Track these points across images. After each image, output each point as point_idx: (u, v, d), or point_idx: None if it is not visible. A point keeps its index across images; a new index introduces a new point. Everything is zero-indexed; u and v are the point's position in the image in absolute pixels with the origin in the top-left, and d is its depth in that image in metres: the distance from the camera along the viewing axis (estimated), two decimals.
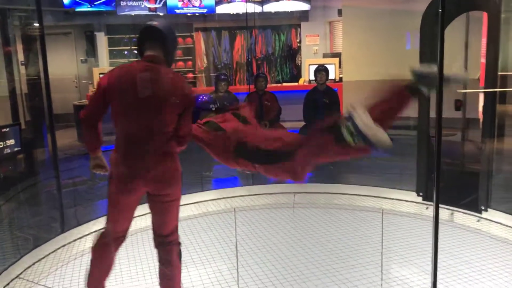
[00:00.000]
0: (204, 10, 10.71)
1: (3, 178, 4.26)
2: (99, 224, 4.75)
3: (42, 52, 4.55)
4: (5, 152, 3.83)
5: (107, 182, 2.86)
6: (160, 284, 3.03)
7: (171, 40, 2.86)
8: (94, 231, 4.66)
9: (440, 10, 2.10)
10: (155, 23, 2.82)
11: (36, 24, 4.46)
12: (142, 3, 10.26)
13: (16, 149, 4.01)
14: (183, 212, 5.05)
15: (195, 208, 5.21)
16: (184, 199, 5.21)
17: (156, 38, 2.79)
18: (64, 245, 4.34)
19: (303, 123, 6.72)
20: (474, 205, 4.55)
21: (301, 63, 10.97)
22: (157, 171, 2.78)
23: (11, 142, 4.00)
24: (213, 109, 3.30)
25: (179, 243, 3.02)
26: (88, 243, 4.42)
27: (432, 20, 4.55)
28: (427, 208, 4.80)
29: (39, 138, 6.73)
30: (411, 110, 5.74)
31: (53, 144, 4.67)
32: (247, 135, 3.01)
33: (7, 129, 3.97)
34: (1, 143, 3.92)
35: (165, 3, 10.44)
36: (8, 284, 3.63)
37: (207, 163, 6.24)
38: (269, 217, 4.99)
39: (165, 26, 2.85)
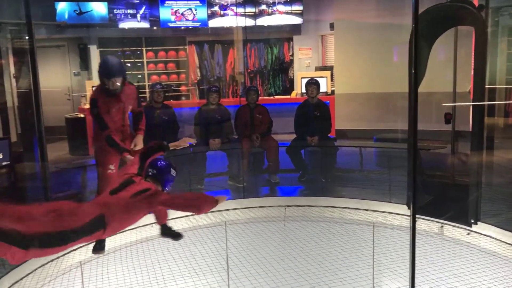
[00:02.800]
0: (197, 24, 10.76)
1: None
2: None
3: (32, 65, 4.55)
4: None
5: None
6: None
7: None
8: (83, 245, 4.63)
9: (413, 25, 2.13)
10: None
11: (26, 37, 4.47)
12: (136, 15, 10.31)
13: (4, 163, 3.98)
14: (174, 226, 5.04)
15: (185, 221, 5.18)
16: (174, 212, 5.22)
17: None
18: (52, 260, 4.30)
19: (294, 136, 6.74)
20: (464, 218, 4.56)
21: (293, 76, 11.03)
22: None
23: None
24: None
25: None
26: (77, 257, 4.38)
27: (419, 32, 4.59)
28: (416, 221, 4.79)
29: (30, 151, 6.69)
30: (401, 123, 5.80)
31: (41, 157, 4.65)
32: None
33: None
34: None
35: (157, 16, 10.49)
36: None
37: (198, 176, 6.22)
38: (260, 231, 4.97)
39: None
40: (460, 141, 5.79)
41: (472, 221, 4.52)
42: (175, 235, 3.98)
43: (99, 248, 3.88)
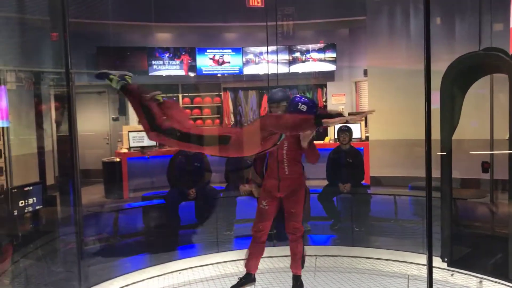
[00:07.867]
0: (233, 70, 11.02)
1: (22, 236, 4.28)
2: (117, 283, 4.72)
3: (69, 111, 4.73)
4: (26, 211, 3.91)
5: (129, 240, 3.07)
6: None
7: None
8: None
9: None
10: None
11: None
12: (173, 62, 10.66)
13: (37, 207, 4.08)
14: (200, 274, 4.97)
15: (213, 269, 5.10)
16: (201, 260, 5.17)
17: None
18: None
19: (326, 182, 6.64)
20: (503, 273, 4.31)
21: None
22: None
23: (33, 200, 4.08)
24: None
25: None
26: None
27: (451, 80, 4.54)
28: (452, 274, 4.56)
29: (67, 194, 6.86)
30: (437, 171, 5.64)
31: (74, 200, 4.74)
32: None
33: (31, 188, 4.06)
34: (23, 201, 4.00)
35: (195, 64, 10.82)
36: None
37: (227, 221, 6.17)
38: (289, 282, 4.83)
39: None
40: (499, 190, 5.57)
41: None
42: None
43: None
